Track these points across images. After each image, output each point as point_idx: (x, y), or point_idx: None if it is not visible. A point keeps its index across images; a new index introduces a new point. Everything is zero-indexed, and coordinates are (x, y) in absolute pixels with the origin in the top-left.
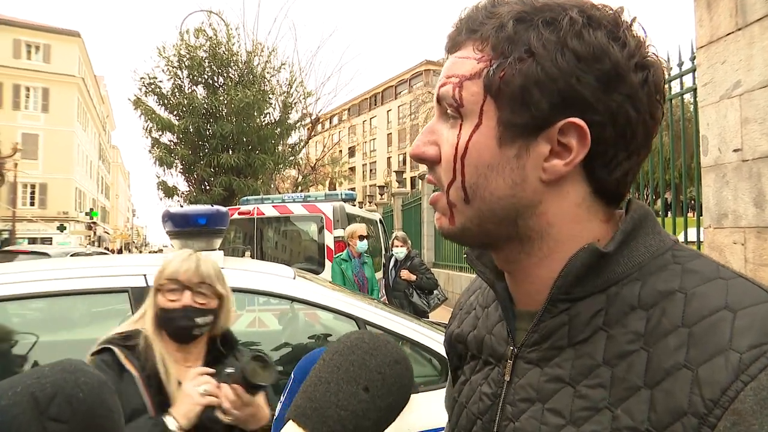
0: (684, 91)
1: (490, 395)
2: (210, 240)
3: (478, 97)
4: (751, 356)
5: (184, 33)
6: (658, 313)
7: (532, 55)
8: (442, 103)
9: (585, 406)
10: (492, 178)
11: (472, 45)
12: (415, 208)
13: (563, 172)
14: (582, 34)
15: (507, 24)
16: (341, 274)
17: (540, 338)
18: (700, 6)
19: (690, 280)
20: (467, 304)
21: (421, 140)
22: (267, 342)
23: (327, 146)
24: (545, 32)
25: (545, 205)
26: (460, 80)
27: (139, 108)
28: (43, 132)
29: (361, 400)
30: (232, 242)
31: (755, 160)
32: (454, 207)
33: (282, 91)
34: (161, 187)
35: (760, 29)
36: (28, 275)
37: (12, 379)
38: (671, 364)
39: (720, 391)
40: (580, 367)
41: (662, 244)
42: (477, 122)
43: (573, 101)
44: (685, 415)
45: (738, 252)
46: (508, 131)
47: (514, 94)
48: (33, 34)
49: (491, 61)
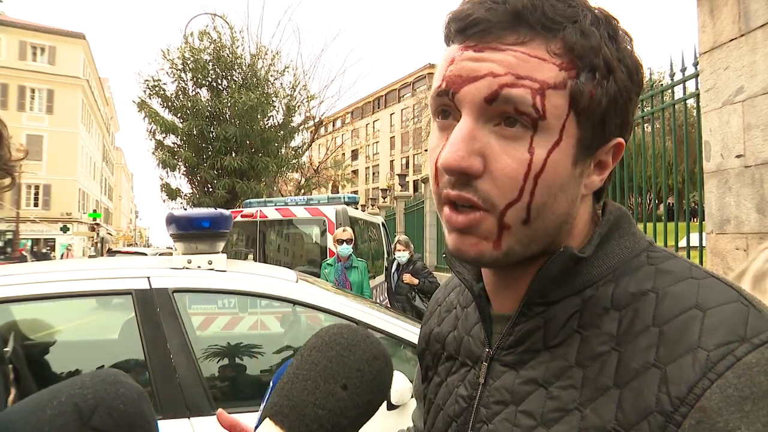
0: (687, 96)
1: (465, 397)
2: (213, 243)
3: (561, 111)
4: (719, 354)
5: (188, 36)
6: (630, 314)
7: (611, 73)
8: (501, 105)
9: (556, 407)
10: (560, 198)
11: (546, 45)
12: (418, 212)
13: (597, 187)
14: (632, 52)
15: (591, 31)
16: (325, 279)
17: (515, 341)
18: (703, 12)
19: (663, 280)
20: (447, 302)
21: (463, 149)
22: (269, 345)
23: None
24: (612, 47)
25: (576, 219)
26: (542, 87)
27: (143, 110)
28: (48, 133)
29: (339, 399)
30: (235, 245)
31: (758, 166)
32: (506, 229)
33: (285, 94)
34: (164, 189)
35: (763, 35)
36: (32, 277)
37: (54, 387)
38: (641, 363)
39: (687, 389)
40: (553, 369)
41: (637, 245)
42: (557, 138)
43: (625, 122)
44: (652, 414)
45: (740, 258)
46: (583, 151)
47: (598, 115)
48: (38, 36)
49: (578, 72)
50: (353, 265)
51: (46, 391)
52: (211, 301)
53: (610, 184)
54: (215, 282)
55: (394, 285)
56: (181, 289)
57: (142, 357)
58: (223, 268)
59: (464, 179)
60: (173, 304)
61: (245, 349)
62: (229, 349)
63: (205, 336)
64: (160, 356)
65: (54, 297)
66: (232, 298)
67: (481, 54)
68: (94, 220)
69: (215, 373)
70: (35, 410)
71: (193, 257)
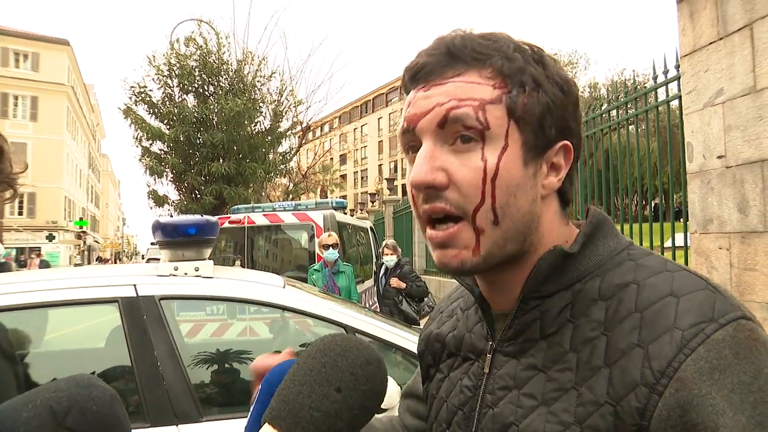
0: (670, 98)
1: (470, 387)
2: (200, 250)
3: (502, 120)
4: (692, 333)
5: (174, 42)
6: (615, 302)
7: (539, 87)
8: (451, 126)
9: (555, 388)
10: (519, 197)
11: (478, 72)
12: (407, 216)
13: (555, 187)
14: (560, 70)
15: (514, 56)
16: (313, 284)
17: (515, 333)
18: (683, 15)
19: (641, 273)
20: (449, 309)
21: (427, 166)
22: (258, 350)
23: (318, 154)
24: (539, 67)
25: (541, 218)
26: (481, 103)
27: (129, 117)
28: (32, 141)
29: (333, 401)
30: (223, 251)
31: (738, 167)
32: (481, 233)
33: (272, 100)
34: (152, 196)
35: (741, 39)
36: (16, 286)
37: (30, 392)
38: (626, 344)
39: (666, 363)
40: (551, 355)
41: (619, 244)
42: (504, 144)
43: (564, 127)
44: (638, 386)
45: (723, 257)
46: (530, 153)
47: (534, 120)
48: (21, 43)
49: (510, 88)
50: (340, 270)
51: (21, 396)
52: (200, 308)
53: (572, 187)
54: (202, 289)
55: (382, 289)
56: (168, 296)
57: (129, 365)
58: (210, 274)
59: (433, 192)
60: (160, 311)
61: (234, 355)
62: (217, 356)
63: (194, 343)
64: (147, 364)
65: (39, 306)
66: (220, 304)
67: (428, 92)
68: (80, 228)
69: (204, 379)
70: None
71: (179, 264)
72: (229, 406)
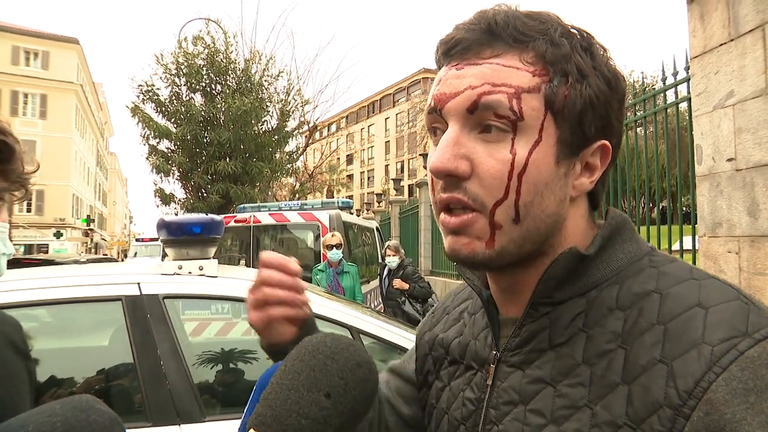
0: (679, 100)
1: (473, 400)
2: (204, 248)
3: (538, 112)
4: (723, 349)
5: (182, 41)
6: (635, 313)
7: (584, 78)
8: (482, 112)
9: (565, 405)
10: (546, 196)
11: (519, 55)
12: (413, 216)
13: (587, 189)
14: (609, 62)
15: (560, 42)
16: (317, 285)
17: (522, 342)
18: (694, 17)
19: (665, 281)
20: (456, 312)
21: (449, 153)
22: (261, 350)
23: (325, 154)
24: (586, 56)
25: (567, 220)
26: (517, 91)
27: (136, 115)
28: (41, 138)
29: (322, 407)
30: (228, 250)
31: (748, 170)
32: (498, 228)
33: (280, 99)
34: (158, 194)
35: (752, 40)
36: (20, 284)
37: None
38: (648, 359)
39: (694, 383)
40: (560, 367)
41: (639, 250)
42: (537, 138)
43: (606, 125)
44: (661, 408)
45: (732, 261)
46: (564, 150)
47: (574, 115)
48: (31, 41)
49: (551, 77)
50: (344, 270)
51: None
52: (205, 307)
53: (604, 189)
54: (206, 288)
55: (385, 290)
56: (172, 295)
57: (132, 364)
58: (214, 273)
59: (453, 181)
60: (164, 310)
61: (238, 354)
62: (221, 355)
63: (198, 342)
64: (150, 363)
65: (43, 304)
66: (225, 303)
67: (461, 71)
68: (87, 225)
69: (207, 379)
70: None
71: (183, 263)
72: (232, 405)
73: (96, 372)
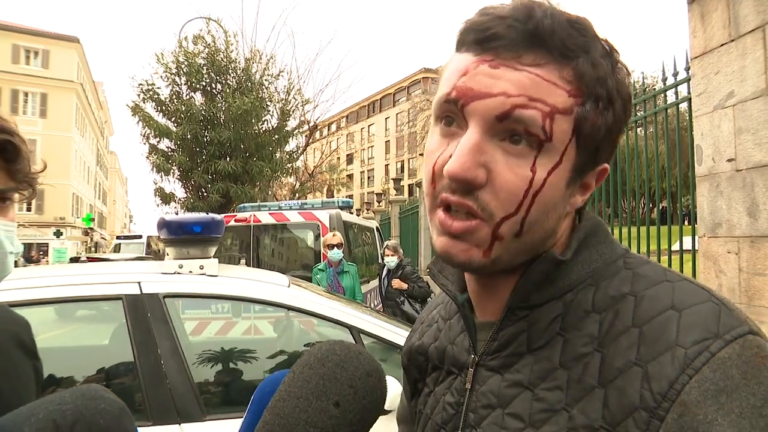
0: (679, 100)
1: (453, 404)
2: (205, 248)
3: (565, 135)
4: (695, 351)
5: (182, 40)
6: (611, 316)
7: (611, 105)
8: (512, 124)
9: (543, 408)
10: (550, 215)
11: (559, 70)
12: (413, 216)
13: (579, 205)
14: (626, 83)
15: (600, 63)
16: (317, 284)
17: (500, 346)
18: (694, 17)
19: (640, 283)
20: (428, 318)
21: (471, 161)
22: (262, 349)
23: (325, 153)
24: (613, 79)
25: (558, 232)
26: (552, 111)
27: (137, 114)
28: (41, 137)
29: (331, 416)
30: (228, 249)
31: (748, 170)
32: (499, 240)
33: (280, 99)
34: (158, 193)
35: (753, 40)
36: (21, 282)
37: (32, 405)
38: (623, 362)
39: (668, 385)
40: (538, 371)
41: (614, 252)
42: (558, 161)
43: (612, 150)
44: (637, 410)
45: (732, 261)
46: (575, 174)
47: (594, 142)
48: (32, 40)
49: (583, 100)
50: (344, 269)
51: (23, 408)
52: (205, 306)
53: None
54: (206, 287)
55: (384, 290)
56: (172, 294)
57: (133, 362)
58: (215, 272)
59: (467, 188)
60: (164, 309)
61: (238, 354)
62: (221, 354)
63: (198, 341)
64: (151, 362)
65: (44, 302)
66: (225, 302)
67: (497, 71)
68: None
69: (207, 378)
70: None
71: (184, 262)
72: (232, 405)
73: (96, 371)
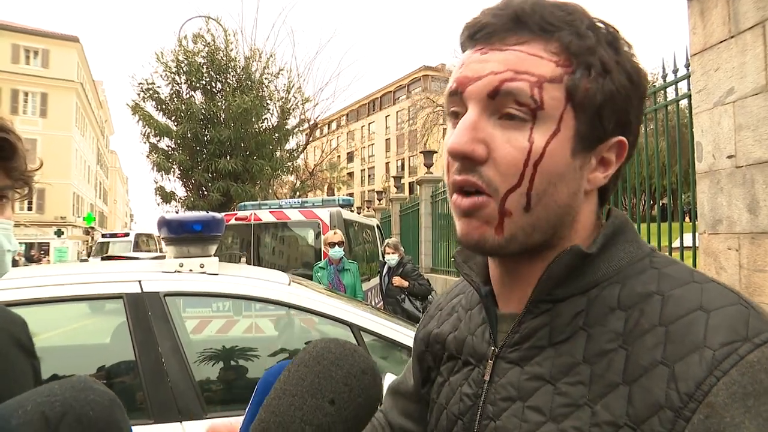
0: (680, 97)
1: (470, 395)
2: (205, 246)
3: (558, 102)
4: (724, 353)
5: (182, 39)
6: (636, 313)
7: (607, 73)
8: (503, 98)
9: (565, 403)
10: (559, 187)
11: (544, 45)
12: (413, 214)
13: (601, 183)
14: (633, 58)
15: (586, 34)
16: (318, 282)
17: (521, 338)
18: (694, 13)
19: (666, 283)
20: (448, 306)
21: (468, 136)
22: (263, 348)
23: (325, 152)
24: (610, 51)
25: (579, 213)
26: (539, 80)
27: (137, 113)
28: (41, 137)
29: (326, 414)
30: (229, 248)
31: (749, 167)
32: (508, 215)
33: (280, 97)
34: (159, 192)
35: (753, 37)
36: (22, 281)
37: (21, 397)
38: (649, 361)
39: (695, 386)
40: (560, 365)
41: (640, 251)
42: (555, 129)
43: (624, 121)
44: (662, 409)
45: (732, 258)
46: (580, 143)
47: (593, 109)
48: (31, 39)
49: (574, 69)
50: (345, 267)
51: (12, 400)
52: (206, 305)
53: (615, 187)
54: (207, 285)
55: (385, 288)
56: (173, 292)
57: (134, 361)
58: (215, 271)
59: (469, 165)
60: (165, 307)
61: (239, 352)
62: (222, 352)
63: (199, 339)
64: (152, 360)
65: (45, 301)
66: (226, 301)
67: (485, 56)
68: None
69: (208, 376)
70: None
71: (184, 260)
72: (233, 403)
73: (97, 369)
